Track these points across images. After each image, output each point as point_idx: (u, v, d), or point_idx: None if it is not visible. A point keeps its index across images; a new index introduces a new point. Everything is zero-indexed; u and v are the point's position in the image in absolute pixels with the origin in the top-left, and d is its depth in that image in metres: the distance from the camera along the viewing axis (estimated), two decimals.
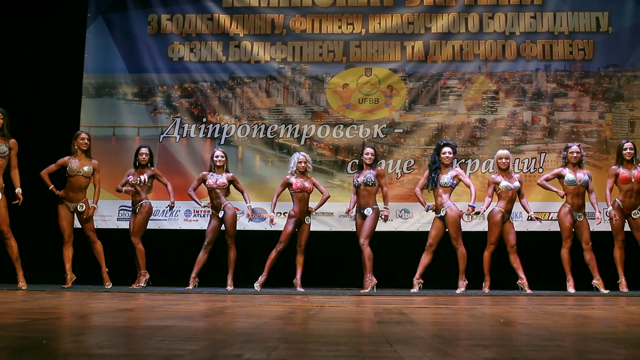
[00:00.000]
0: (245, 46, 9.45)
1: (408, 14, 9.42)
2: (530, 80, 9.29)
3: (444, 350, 2.12)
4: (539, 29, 9.36)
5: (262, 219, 8.92)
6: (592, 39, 9.31)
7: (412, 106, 9.29)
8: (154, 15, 9.54)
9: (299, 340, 2.45)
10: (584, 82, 9.24)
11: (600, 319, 3.66)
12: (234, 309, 4.41)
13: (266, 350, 2.11)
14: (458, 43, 9.37)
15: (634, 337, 2.64)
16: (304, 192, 7.73)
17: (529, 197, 8.15)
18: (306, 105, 9.35)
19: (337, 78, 9.36)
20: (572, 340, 2.51)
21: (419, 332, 2.78)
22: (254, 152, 9.26)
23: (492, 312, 4.15)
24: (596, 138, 9.09)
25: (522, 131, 9.17)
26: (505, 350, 2.19)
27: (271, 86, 9.40)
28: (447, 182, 7.43)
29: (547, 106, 9.21)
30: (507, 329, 3.01)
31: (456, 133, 9.15)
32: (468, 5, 9.41)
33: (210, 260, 7.95)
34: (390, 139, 9.09)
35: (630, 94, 9.20)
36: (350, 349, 2.19)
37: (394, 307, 4.62)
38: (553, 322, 3.37)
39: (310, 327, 3.04)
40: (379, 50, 9.38)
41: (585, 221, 7.52)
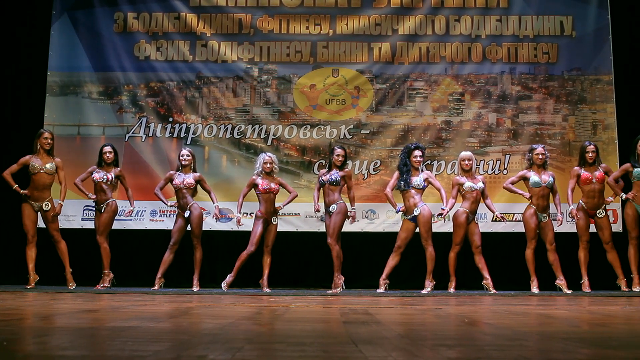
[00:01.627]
0: (212, 46, 9.41)
1: (375, 15, 9.46)
2: (496, 83, 9.38)
3: (408, 350, 2.13)
4: (505, 32, 9.46)
5: (228, 219, 8.88)
6: (556, 42, 9.44)
7: (378, 107, 9.33)
8: (120, 14, 9.44)
9: (265, 341, 2.44)
10: (548, 85, 9.36)
11: (563, 318, 3.71)
12: (199, 309, 4.39)
13: (231, 351, 2.10)
14: (425, 45, 9.44)
15: (596, 337, 2.67)
16: (270, 192, 7.73)
17: (493, 198, 8.23)
18: (273, 106, 9.33)
19: (304, 79, 9.36)
20: (536, 339, 2.54)
21: (384, 332, 2.79)
22: (220, 152, 9.22)
23: (457, 312, 4.18)
24: (559, 140, 9.22)
25: (487, 133, 9.25)
26: (469, 350, 2.21)
27: (238, 86, 9.37)
28: (420, 184, 7.49)
29: (511, 108, 9.31)
30: (472, 329, 3.04)
31: (422, 134, 9.20)
32: (435, 8, 9.48)
33: (176, 261, 7.90)
34: (357, 140, 9.11)
35: (593, 97, 9.34)
36: (315, 349, 2.19)
37: (360, 307, 4.63)
38: (517, 322, 3.40)
39: (276, 327, 3.03)
40: (346, 51, 9.40)
41: (549, 222, 7.62)
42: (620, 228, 8.44)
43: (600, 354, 2.06)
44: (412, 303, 5.29)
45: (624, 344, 2.36)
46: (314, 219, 8.76)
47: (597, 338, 2.60)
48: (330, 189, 7.59)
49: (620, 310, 4.38)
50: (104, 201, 7.84)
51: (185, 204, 7.77)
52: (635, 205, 7.69)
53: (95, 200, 7.91)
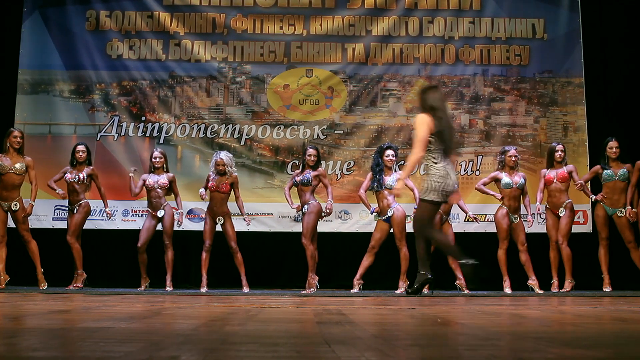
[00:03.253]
0: (186, 45, 9.36)
1: (349, 16, 9.48)
2: (468, 84, 9.45)
3: (381, 350, 2.14)
4: (477, 34, 9.53)
5: (201, 219, 8.83)
6: (528, 45, 9.53)
7: (352, 108, 9.35)
8: (92, 12, 9.36)
9: (237, 342, 2.43)
10: (520, 87, 9.45)
11: (535, 318, 3.74)
12: (172, 310, 4.36)
13: (203, 352, 2.09)
14: (398, 46, 9.47)
15: (566, 336, 2.70)
16: (217, 192, 7.72)
17: (466, 199, 8.29)
18: (247, 106, 9.31)
19: (278, 79, 9.35)
20: (507, 339, 2.56)
21: (357, 332, 2.79)
22: (193, 151, 9.17)
23: (431, 312, 4.20)
24: (531, 142, 9.30)
25: (460, 134, 9.31)
26: (442, 349, 2.22)
27: (211, 86, 9.34)
28: (393, 184, 7.50)
29: (484, 110, 9.38)
30: (445, 329, 3.05)
31: (395, 135, 9.24)
32: (408, 9, 9.52)
33: (149, 261, 7.85)
34: (331, 140, 9.12)
35: (564, 100, 9.44)
36: (288, 349, 2.19)
37: (333, 307, 4.63)
38: (489, 322, 3.42)
39: (249, 328, 3.02)
40: (320, 51, 9.41)
41: (520, 223, 7.68)
42: (590, 229, 8.54)
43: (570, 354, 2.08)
44: (386, 303, 5.30)
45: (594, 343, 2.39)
46: (288, 219, 8.76)
47: (567, 338, 2.63)
48: (302, 189, 7.62)
49: (591, 310, 4.43)
50: (77, 202, 7.77)
51: (159, 204, 7.74)
52: (605, 206, 7.79)
53: (69, 200, 7.82)
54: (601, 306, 4.98)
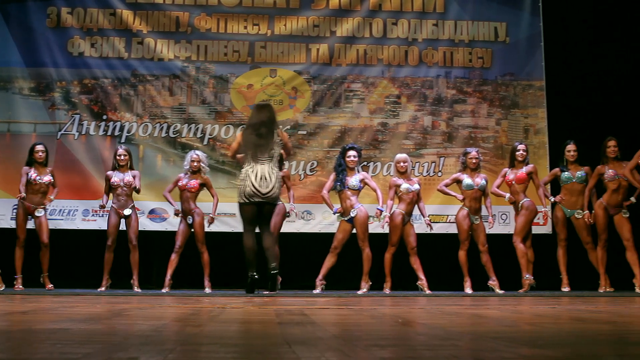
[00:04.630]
0: (149, 43, 9.28)
1: (314, 16, 9.48)
2: (431, 86, 9.52)
3: (341, 350, 2.14)
4: (441, 36, 9.61)
5: (163, 219, 8.77)
6: (490, 48, 9.63)
7: (316, 108, 9.36)
8: (53, 8, 9.22)
9: (197, 342, 2.41)
10: (482, 89, 9.55)
11: (495, 318, 3.78)
12: (133, 311, 4.32)
13: (163, 353, 2.07)
14: (362, 47, 9.51)
15: (525, 336, 2.73)
16: (185, 190, 7.69)
17: (428, 200, 8.36)
18: (210, 105, 9.26)
19: (241, 78, 9.31)
20: (467, 339, 2.58)
21: (318, 332, 2.79)
22: (155, 151, 9.09)
23: (392, 313, 4.22)
24: (493, 144, 9.41)
25: (422, 135, 9.38)
26: (402, 349, 2.23)
27: (174, 85, 9.27)
28: (355, 184, 7.52)
29: (446, 112, 9.46)
30: (406, 329, 3.07)
31: (359, 136, 9.27)
32: (372, 11, 9.56)
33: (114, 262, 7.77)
34: (294, 141, 9.10)
35: (525, 102, 9.56)
36: (248, 350, 2.18)
37: (295, 308, 4.63)
38: (450, 322, 3.45)
39: (210, 328, 3.00)
40: (284, 51, 9.40)
41: (481, 224, 7.75)
42: (550, 230, 8.65)
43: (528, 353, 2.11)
44: (347, 304, 5.31)
45: (552, 343, 2.42)
46: None
47: (526, 337, 2.66)
48: None
49: (549, 310, 4.49)
50: (41, 204, 7.67)
51: (125, 202, 7.68)
52: (563, 208, 7.91)
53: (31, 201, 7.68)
54: (559, 306, 5.06)
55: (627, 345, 2.38)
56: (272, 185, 6.58)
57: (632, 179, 7.51)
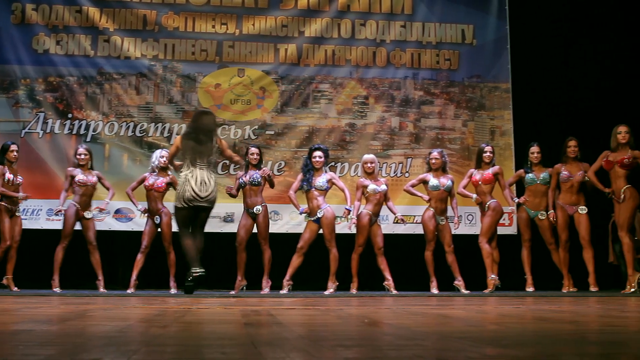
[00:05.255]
0: (115, 41, 9.19)
1: (282, 17, 9.47)
2: (399, 87, 9.56)
3: (307, 350, 2.14)
4: (408, 38, 9.66)
5: (129, 219, 8.70)
6: (457, 50, 9.71)
7: (284, 108, 9.35)
8: (17, 4, 9.09)
9: (162, 343, 2.39)
10: (449, 91, 9.62)
11: (460, 318, 3.80)
12: (97, 311, 4.27)
13: (127, 354, 2.05)
14: (330, 48, 9.52)
15: (490, 336, 2.76)
16: (153, 190, 7.64)
17: (395, 200, 8.38)
18: (177, 104, 9.20)
19: (209, 78, 9.27)
20: (433, 339, 2.59)
21: (285, 333, 2.79)
22: (121, 150, 9.00)
23: (358, 313, 4.23)
24: (459, 145, 9.48)
25: (390, 136, 9.42)
26: (368, 349, 2.23)
27: (141, 83, 9.19)
28: (322, 185, 7.53)
29: (414, 113, 9.51)
30: (371, 329, 3.07)
31: (327, 136, 9.28)
32: (341, 12, 9.58)
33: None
34: (262, 141, 9.08)
35: (491, 104, 9.66)
36: (213, 351, 2.17)
37: (262, 308, 4.62)
38: (415, 322, 3.46)
39: (175, 329, 2.98)
40: (252, 51, 9.38)
41: (447, 225, 7.80)
42: (515, 231, 8.74)
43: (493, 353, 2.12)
44: (314, 304, 5.31)
45: (516, 342, 2.44)
46: (217, 220, 8.67)
47: (490, 337, 2.68)
48: (252, 189, 7.59)
49: (513, 310, 4.54)
50: (16, 204, 7.60)
51: (88, 203, 7.61)
52: (527, 209, 8.00)
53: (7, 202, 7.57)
54: (524, 306, 5.11)
55: (588, 344, 2.41)
56: (211, 189, 6.66)
57: (595, 181, 7.61)
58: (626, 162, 7.35)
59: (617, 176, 7.42)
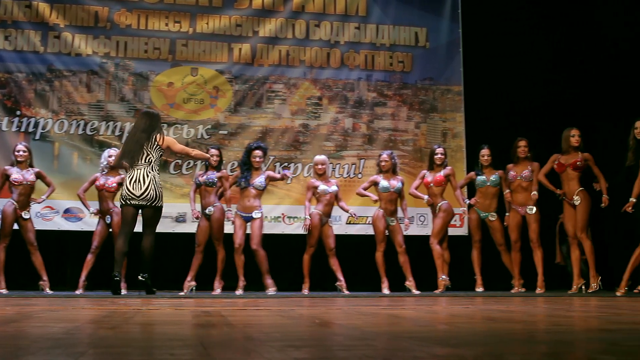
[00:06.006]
0: (66, 38, 9.03)
1: (236, 16, 9.43)
2: (353, 89, 9.60)
3: (257, 351, 2.13)
4: (362, 39, 9.71)
5: (78, 219, 8.56)
6: (411, 52, 9.79)
7: (237, 108, 9.31)
8: None
9: (110, 345, 2.37)
10: (402, 93, 9.69)
11: (411, 318, 3.83)
12: (44, 313, 4.19)
13: (73, 356, 2.02)
14: (285, 48, 9.52)
15: (438, 335, 2.78)
16: (104, 190, 7.56)
17: (348, 201, 8.41)
18: (129, 103, 9.08)
19: (162, 76, 9.18)
20: (383, 339, 2.61)
21: (235, 334, 2.78)
22: (71, 148, 8.84)
23: (310, 313, 4.23)
24: (412, 147, 9.56)
25: (343, 137, 9.45)
26: (317, 350, 2.24)
27: (92, 81, 9.05)
28: (261, 184, 7.53)
29: (367, 114, 9.56)
30: (322, 330, 3.08)
31: (280, 137, 9.27)
32: (295, 12, 9.58)
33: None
34: (215, 141, 9.03)
35: (443, 107, 9.76)
36: (162, 352, 2.15)
37: (213, 309, 4.59)
38: (366, 322, 3.48)
39: (124, 330, 2.95)
40: (206, 50, 9.32)
41: (397, 225, 7.85)
42: (466, 232, 8.85)
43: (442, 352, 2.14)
44: (266, 305, 5.30)
45: (465, 342, 2.47)
46: (169, 220, 8.58)
47: (439, 337, 2.71)
48: (206, 190, 7.56)
49: (463, 310, 4.59)
50: None
51: (26, 202, 7.45)
52: (478, 210, 8.11)
53: None
54: (473, 306, 5.17)
55: (536, 344, 2.45)
56: (145, 187, 6.66)
57: (546, 183, 7.75)
58: (579, 164, 7.52)
59: (570, 178, 7.57)
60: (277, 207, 9.04)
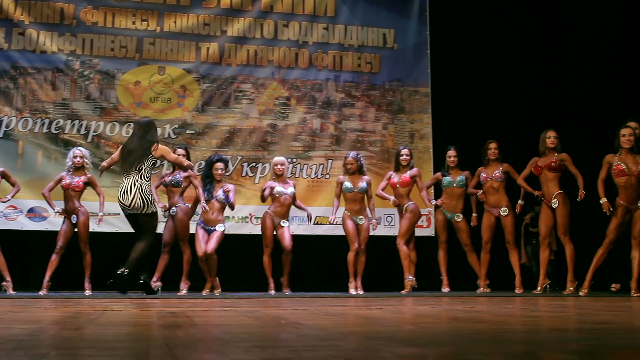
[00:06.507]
0: (31, 34, 8.90)
1: (204, 15, 9.38)
2: (321, 89, 9.61)
3: (222, 352, 2.13)
4: (331, 40, 9.72)
5: (43, 218, 8.45)
6: (378, 53, 9.82)
7: (205, 108, 9.26)
8: None
9: (73, 346, 2.34)
10: (370, 94, 9.72)
11: (377, 318, 3.85)
12: (6, 314, 4.13)
13: (35, 358, 1.99)
14: (253, 48, 9.49)
15: (404, 335, 2.80)
16: (69, 189, 7.48)
17: (315, 201, 8.45)
18: (95, 101, 8.98)
19: (128, 75, 9.09)
20: (349, 339, 2.61)
21: (200, 334, 2.76)
22: (36, 147, 8.72)
23: (276, 314, 4.23)
24: (379, 147, 9.60)
25: (311, 138, 9.45)
26: (283, 351, 2.24)
27: (58, 79, 8.93)
28: (222, 197, 7.53)
29: (335, 115, 9.58)
30: (288, 330, 3.08)
31: (248, 137, 9.24)
32: (264, 12, 9.56)
33: None
34: (182, 140, 8.98)
35: (411, 108, 9.81)
36: (126, 353, 2.13)
37: (179, 310, 4.56)
38: (333, 323, 3.49)
39: (88, 332, 2.92)
40: (174, 49, 9.26)
41: (362, 225, 7.85)
42: (433, 232, 8.90)
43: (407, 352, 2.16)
44: (233, 305, 5.29)
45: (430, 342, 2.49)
46: None
47: (405, 337, 2.73)
48: (171, 190, 7.56)
49: (429, 310, 4.62)
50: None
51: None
52: (444, 211, 8.17)
53: None
54: (439, 306, 5.21)
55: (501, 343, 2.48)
56: (132, 197, 6.71)
57: (525, 186, 7.81)
58: (554, 164, 7.58)
59: (548, 180, 7.64)
60: (244, 207, 9.00)
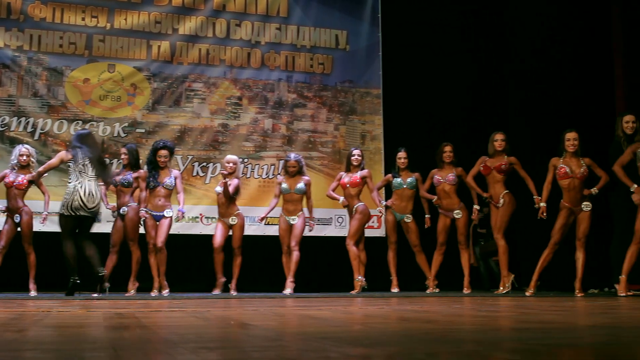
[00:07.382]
0: None
1: (156, 12, 9.29)
2: (273, 89, 9.60)
3: (169, 353, 2.11)
4: (283, 40, 9.72)
5: None
6: (331, 54, 9.86)
7: (155, 106, 9.17)
8: None
9: (15, 348, 2.29)
10: (322, 94, 9.75)
11: (325, 319, 3.86)
12: None
13: None
14: (205, 47, 9.43)
15: (352, 336, 2.81)
16: (13, 187, 7.34)
17: (266, 202, 8.42)
18: (42, 98, 8.81)
19: (77, 72, 8.95)
20: (297, 340, 2.62)
21: (147, 336, 2.74)
22: None
23: (225, 315, 4.21)
24: (331, 148, 9.63)
25: (263, 138, 9.44)
26: (231, 352, 2.23)
27: (4, 75, 8.73)
28: (171, 184, 7.50)
29: (287, 115, 9.58)
30: (237, 331, 3.07)
31: (199, 136, 9.18)
32: (216, 11, 9.51)
33: None
34: (132, 139, 8.87)
35: (362, 109, 9.87)
36: (70, 356, 2.10)
37: (126, 311, 4.51)
38: (281, 323, 3.49)
39: (31, 333, 2.86)
40: (124, 46, 9.14)
41: (295, 225, 7.87)
42: (383, 233, 8.95)
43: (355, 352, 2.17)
44: (182, 306, 5.25)
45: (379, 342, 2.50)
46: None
47: (353, 337, 2.74)
48: (122, 190, 7.46)
49: (378, 310, 4.65)
50: None
51: None
52: (394, 212, 8.23)
53: None
54: (388, 306, 5.25)
55: (447, 343, 2.51)
56: (97, 200, 6.98)
57: (473, 186, 7.92)
58: (503, 167, 7.71)
59: (495, 181, 7.76)
60: (195, 207, 8.94)
